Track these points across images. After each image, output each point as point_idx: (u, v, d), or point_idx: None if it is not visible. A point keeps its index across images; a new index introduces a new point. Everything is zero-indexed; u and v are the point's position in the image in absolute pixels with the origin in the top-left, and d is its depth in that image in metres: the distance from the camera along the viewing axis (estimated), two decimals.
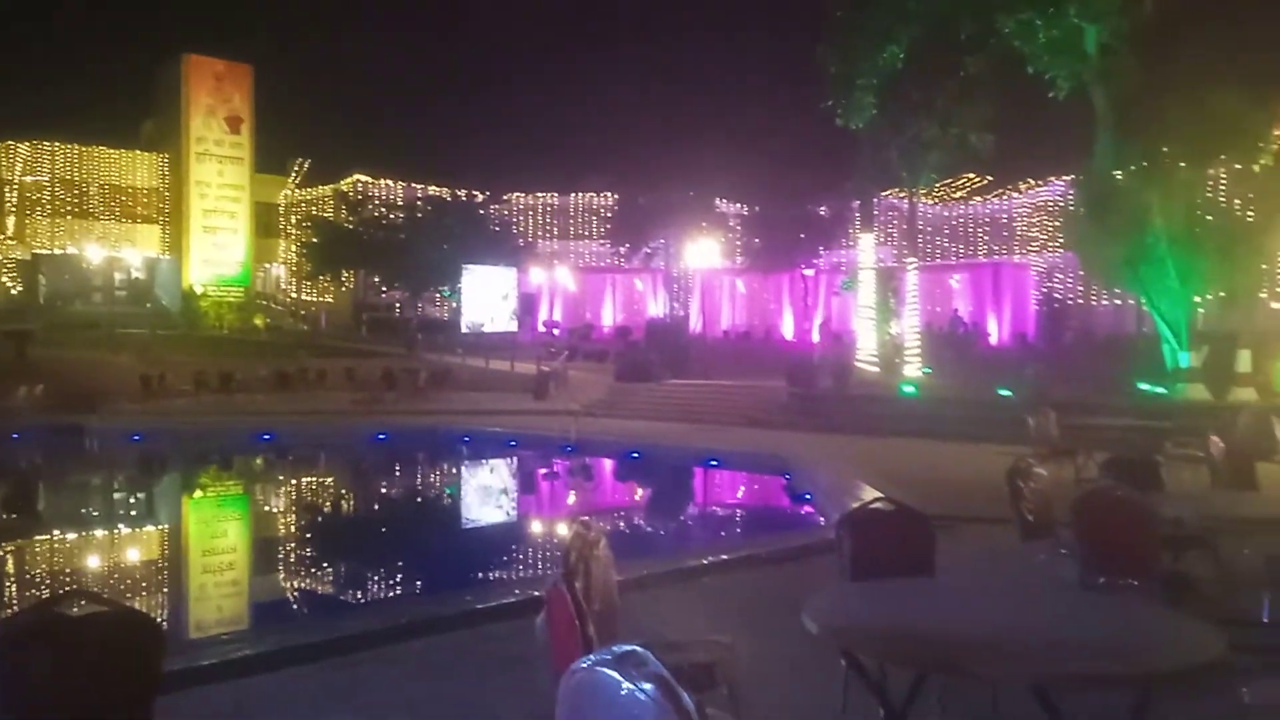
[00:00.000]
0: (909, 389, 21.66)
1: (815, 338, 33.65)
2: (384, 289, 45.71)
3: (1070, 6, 18.39)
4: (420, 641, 5.79)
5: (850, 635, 3.37)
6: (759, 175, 37.94)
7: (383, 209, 45.08)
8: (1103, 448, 9.81)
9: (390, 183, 48.00)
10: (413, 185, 47.75)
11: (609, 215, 46.18)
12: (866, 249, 26.58)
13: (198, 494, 15.69)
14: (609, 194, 46.51)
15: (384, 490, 16.09)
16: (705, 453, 16.23)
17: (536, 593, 5.01)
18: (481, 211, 44.96)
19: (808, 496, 12.11)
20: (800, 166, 35.44)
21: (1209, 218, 18.44)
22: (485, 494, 15.87)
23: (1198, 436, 9.02)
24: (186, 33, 43.39)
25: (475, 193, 45.64)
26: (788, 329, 40.42)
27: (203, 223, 43.78)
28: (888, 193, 32.49)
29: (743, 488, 15.59)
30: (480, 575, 9.13)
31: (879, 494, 6.93)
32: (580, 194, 48.59)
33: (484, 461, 18.43)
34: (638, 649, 2.05)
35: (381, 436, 19.35)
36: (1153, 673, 2.93)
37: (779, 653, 5.04)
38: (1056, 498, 6.02)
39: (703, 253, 37.63)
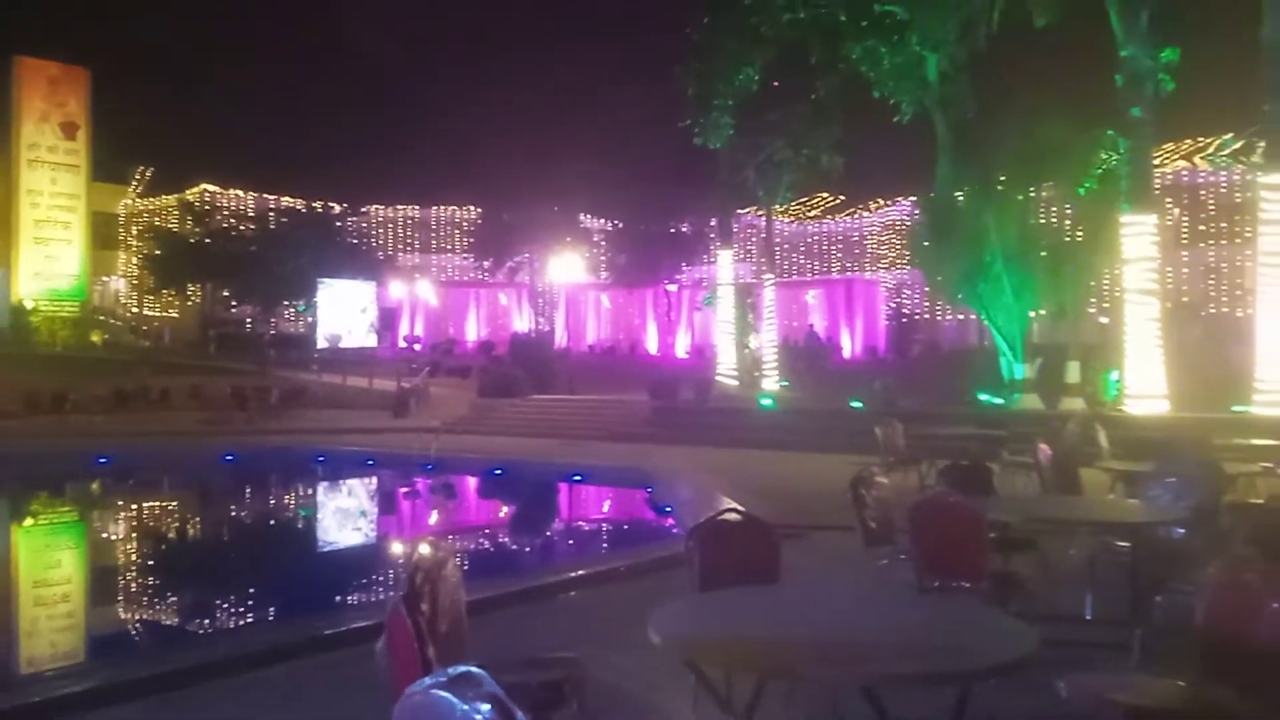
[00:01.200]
0: (767, 401, 22.21)
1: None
2: (234, 304, 43.94)
3: (912, 35, 19.36)
4: (266, 670, 5.59)
5: (693, 646, 3.44)
6: (623, 192, 38.38)
7: (232, 220, 43.41)
8: (944, 456, 10.25)
9: (240, 193, 46.27)
10: (264, 196, 46.16)
11: (472, 229, 45.75)
12: (726, 265, 27.15)
13: (27, 522, 14.68)
14: (472, 207, 46.08)
15: (231, 514, 15.42)
16: (568, 468, 16.22)
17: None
18: (338, 223, 43.86)
19: (668, 509, 12.25)
20: (663, 184, 36.08)
21: (1040, 238, 19.65)
22: (340, 515, 15.42)
23: (1030, 444, 9.53)
24: (18, 34, 40.67)
25: (332, 204, 44.48)
26: (652, 343, 40.87)
27: (34, 234, 41.14)
28: (746, 210, 33.35)
29: (606, 502, 15.65)
30: (332, 599, 8.87)
31: (731, 505, 7.08)
32: (442, 207, 47.93)
33: (340, 482, 17.92)
34: (473, 670, 2.05)
35: (230, 457, 18.57)
36: (972, 670, 3.10)
37: (632, 667, 5.09)
38: (898, 505, 6.26)
39: (567, 268, 37.77)
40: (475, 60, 64.95)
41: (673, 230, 39.19)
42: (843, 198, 41.36)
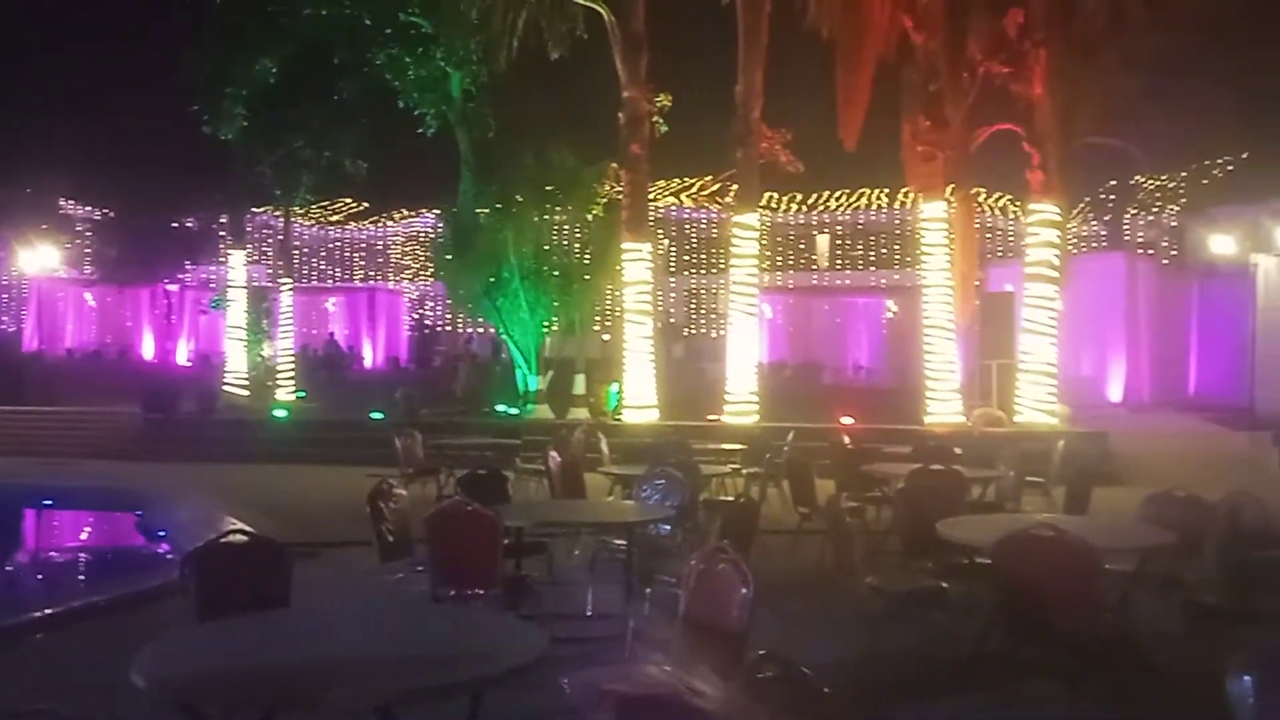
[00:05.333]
0: (281, 413, 21.12)
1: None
2: None
3: (437, 50, 19.63)
4: None
5: (186, 684, 3.10)
6: (117, 177, 34.12)
7: None
8: (464, 466, 10.46)
9: None
10: None
11: None
12: (238, 266, 25.36)
13: None
14: None
15: None
16: (36, 490, 14.02)
17: None
18: None
19: (162, 534, 11.08)
20: (167, 173, 32.64)
21: (554, 258, 20.90)
22: None
23: (542, 452, 10.06)
24: None
25: None
26: (148, 349, 36.93)
27: None
28: (262, 209, 31.45)
29: (85, 529, 13.76)
30: None
31: (237, 525, 6.58)
32: None
33: None
34: None
35: None
36: (486, 676, 3.14)
37: (124, 714, 4.49)
38: (416, 516, 6.24)
39: (42, 259, 32.74)
40: None
41: (176, 225, 35.83)
42: (366, 205, 40.69)
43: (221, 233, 31.38)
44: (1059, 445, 10.29)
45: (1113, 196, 27.69)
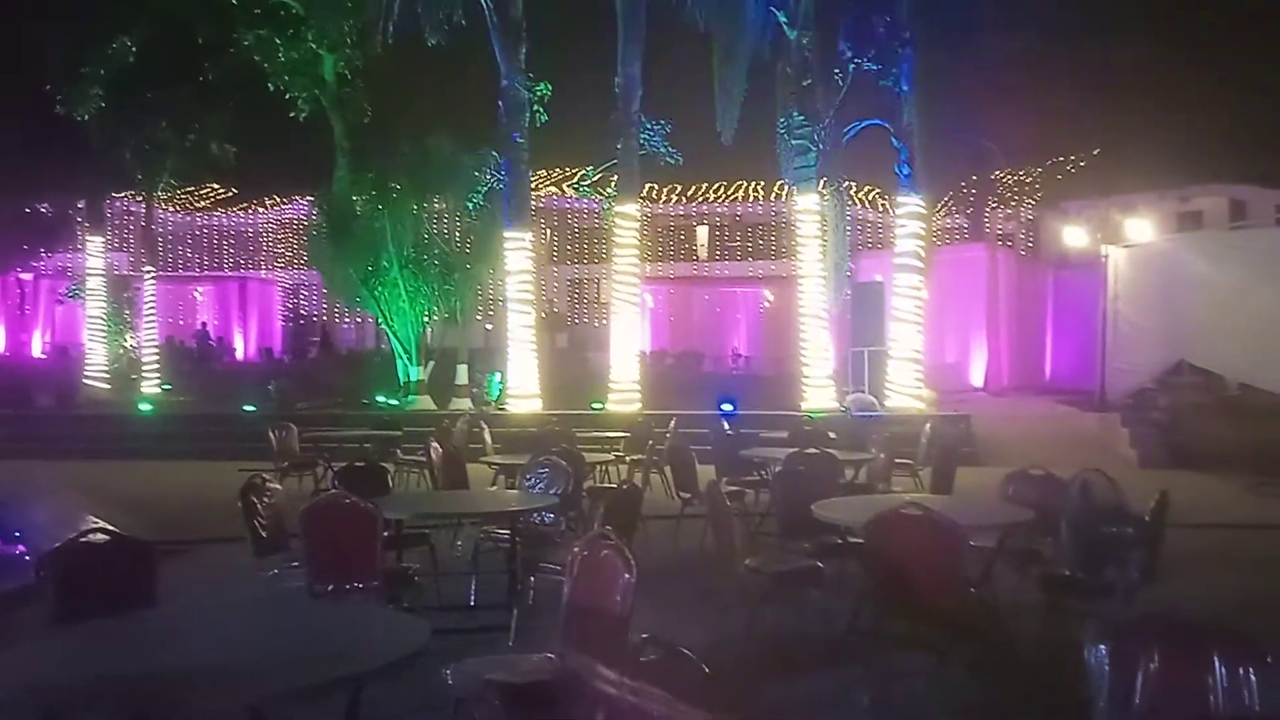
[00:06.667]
0: (146, 407, 20.24)
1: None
2: None
3: (308, 32, 19.05)
4: None
5: (46, 693, 2.96)
6: None
7: None
8: (342, 458, 10.24)
9: None
10: None
11: None
12: (96, 254, 24.10)
13: None
14: None
15: None
16: None
17: None
18: None
19: (17, 535, 10.49)
20: (19, 156, 30.67)
21: (434, 246, 20.58)
22: None
23: (424, 443, 9.92)
24: None
25: None
26: (0, 341, 34.82)
27: None
28: (122, 194, 29.94)
29: None
30: None
31: (98, 524, 6.30)
32: None
33: None
34: None
35: None
36: (364, 671, 3.10)
37: None
38: (292, 511, 6.08)
39: None
40: None
41: (29, 210, 33.76)
42: (235, 191, 39.12)
43: (79, 219, 29.67)
44: (926, 428, 10.72)
45: (974, 191, 28.92)
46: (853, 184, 26.57)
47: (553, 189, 35.40)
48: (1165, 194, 22.12)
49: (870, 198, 33.07)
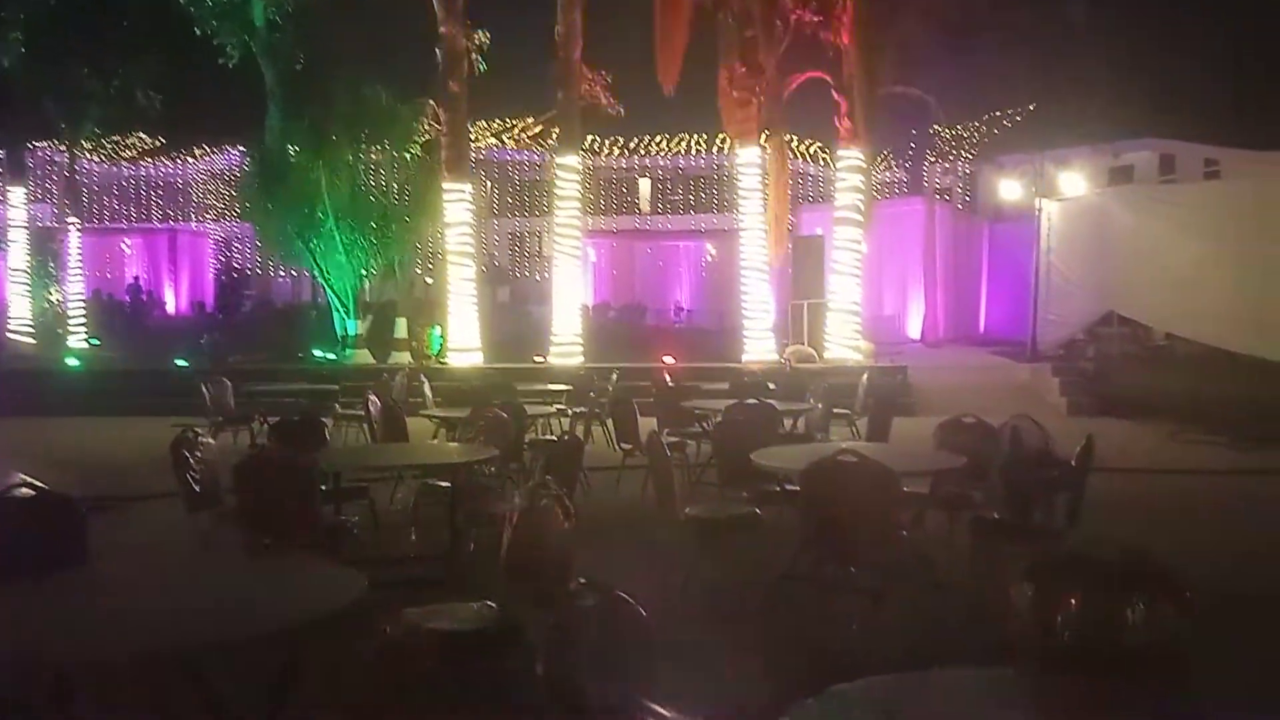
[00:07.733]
0: (73, 362, 19.71)
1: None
2: None
3: None
4: None
5: None
6: None
7: None
8: (278, 413, 10.08)
9: None
10: None
11: None
12: (18, 205, 23.27)
13: None
14: None
15: None
16: None
17: None
18: None
19: None
20: None
21: (370, 198, 20.18)
22: None
23: (362, 397, 9.82)
24: None
25: None
26: None
27: None
28: (44, 143, 28.84)
29: None
30: None
31: (23, 479, 6.15)
32: None
33: None
34: None
35: None
36: (300, 623, 3.08)
37: None
38: (226, 466, 5.99)
39: None
40: None
41: None
42: (162, 140, 37.86)
43: None
44: (863, 379, 10.88)
45: (913, 144, 29.11)
46: (794, 137, 26.60)
47: (492, 140, 34.87)
48: (1098, 148, 22.45)
49: (811, 151, 33.13)
